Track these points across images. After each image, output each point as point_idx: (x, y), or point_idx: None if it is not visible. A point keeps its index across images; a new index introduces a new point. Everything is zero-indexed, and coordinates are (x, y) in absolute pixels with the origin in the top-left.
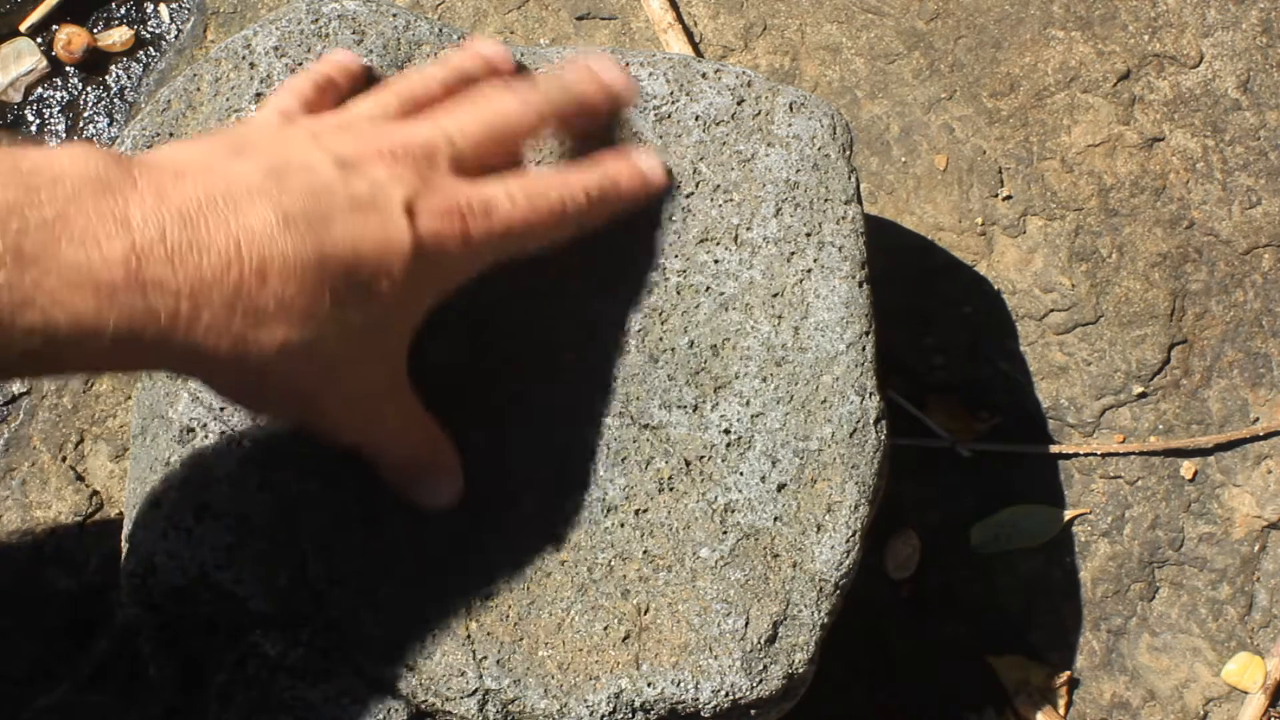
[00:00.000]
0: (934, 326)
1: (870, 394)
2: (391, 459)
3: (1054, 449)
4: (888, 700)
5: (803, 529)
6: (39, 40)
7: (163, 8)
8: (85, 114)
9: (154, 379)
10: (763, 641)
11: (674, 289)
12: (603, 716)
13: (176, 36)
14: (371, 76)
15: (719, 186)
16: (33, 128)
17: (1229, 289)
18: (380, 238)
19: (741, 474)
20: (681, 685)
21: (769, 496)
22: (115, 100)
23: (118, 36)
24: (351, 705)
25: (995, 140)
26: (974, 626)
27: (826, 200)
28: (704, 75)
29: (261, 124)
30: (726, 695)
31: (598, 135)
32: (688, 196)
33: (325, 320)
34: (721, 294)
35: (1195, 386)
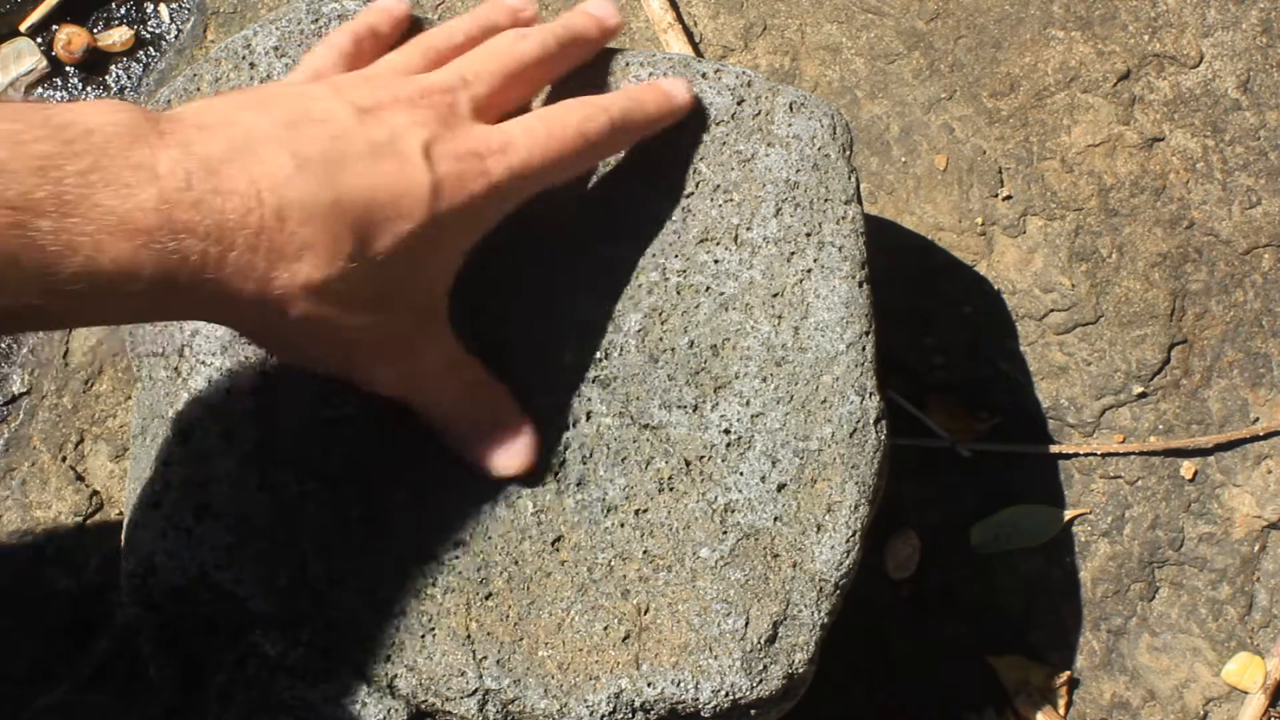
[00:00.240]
0: (934, 326)
1: (870, 394)
2: (440, 415)
3: (1054, 449)
4: (888, 700)
5: (803, 529)
6: (39, 40)
7: (163, 8)
8: None
9: (154, 379)
10: (763, 641)
11: (674, 289)
12: (603, 716)
13: (176, 36)
14: (415, 22)
15: (719, 186)
16: None
17: (1229, 289)
18: (398, 181)
19: (741, 474)
20: (681, 685)
21: (769, 496)
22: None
23: (118, 36)
24: (351, 705)
25: (995, 140)
26: (974, 626)
27: (826, 200)
28: (704, 75)
29: (288, 81)
30: (726, 695)
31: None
32: (688, 196)
33: (346, 258)
34: (721, 294)
35: (1195, 386)
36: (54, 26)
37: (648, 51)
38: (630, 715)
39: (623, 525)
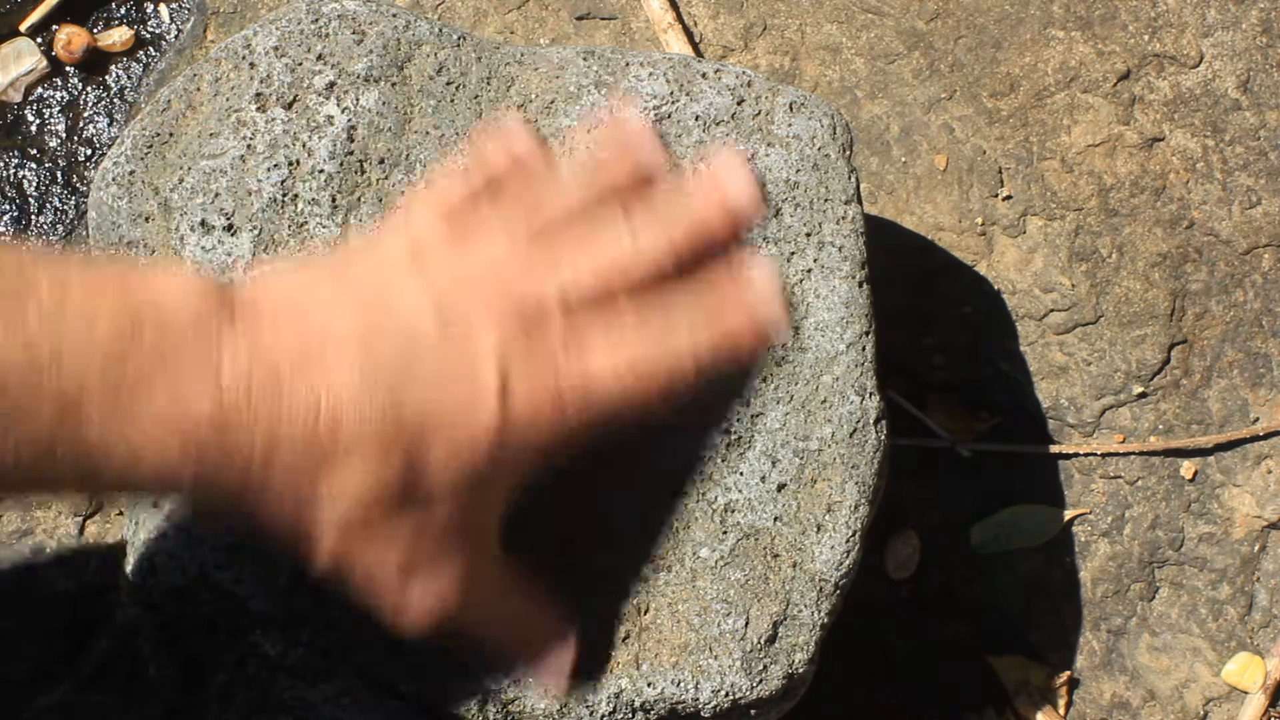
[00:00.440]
0: (934, 326)
1: (870, 394)
2: (489, 644)
3: (1054, 449)
4: (888, 700)
5: (803, 529)
6: (39, 40)
7: (163, 8)
8: (85, 114)
9: None
10: (763, 641)
11: None
12: (603, 716)
13: (176, 36)
14: (546, 156)
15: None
16: (33, 128)
17: (1229, 289)
18: (464, 412)
19: (741, 474)
20: (681, 685)
21: (769, 496)
22: (115, 100)
23: (118, 36)
24: (351, 705)
25: (995, 140)
26: (974, 626)
27: (826, 200)
28: (704, 75)
29: (384, 261)
30: (726, 695)
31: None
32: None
33: (393, 481)
34: None
35: (1195, 386)
36: (54, 26)
37: (648, 52)
38: (630, 715)
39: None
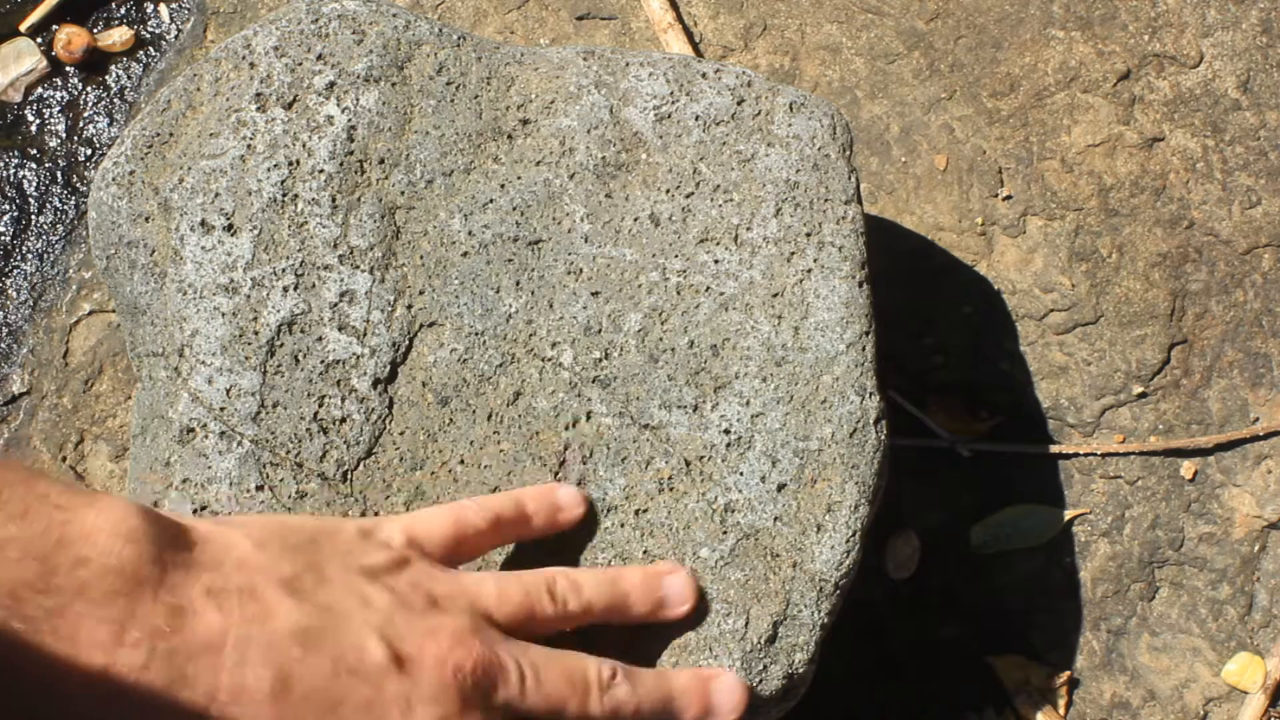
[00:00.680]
0: (934, 326)
1: (870, 394)
2: None
3: (1054, 449)
4: (888, 700)
5: (803, 529)
6: (39, 40)
7: (163, 8)
8: (85, 114)
9: (154, 379)
10: (763, 641)
11: (674, 289)
12: None
13: (176, 36)
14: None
15: (719, 186)
16: (33, 128)
17: (1229, 289)
18: None
19: (741, 474)
20: None
21: (769, 496)
22: (115, 100)
23: (118, 36)
24: None
25: (995, 140)
26: (974, 626)
27: (826, 200)
28: (704, 75)
29: (365, 549)
30: None
31: None
32: (688, 197)
33: None
34: (721, 294)
35: (1195, 386)
36: (54, 26)
37: (648, 52)
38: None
39: (623, 525)
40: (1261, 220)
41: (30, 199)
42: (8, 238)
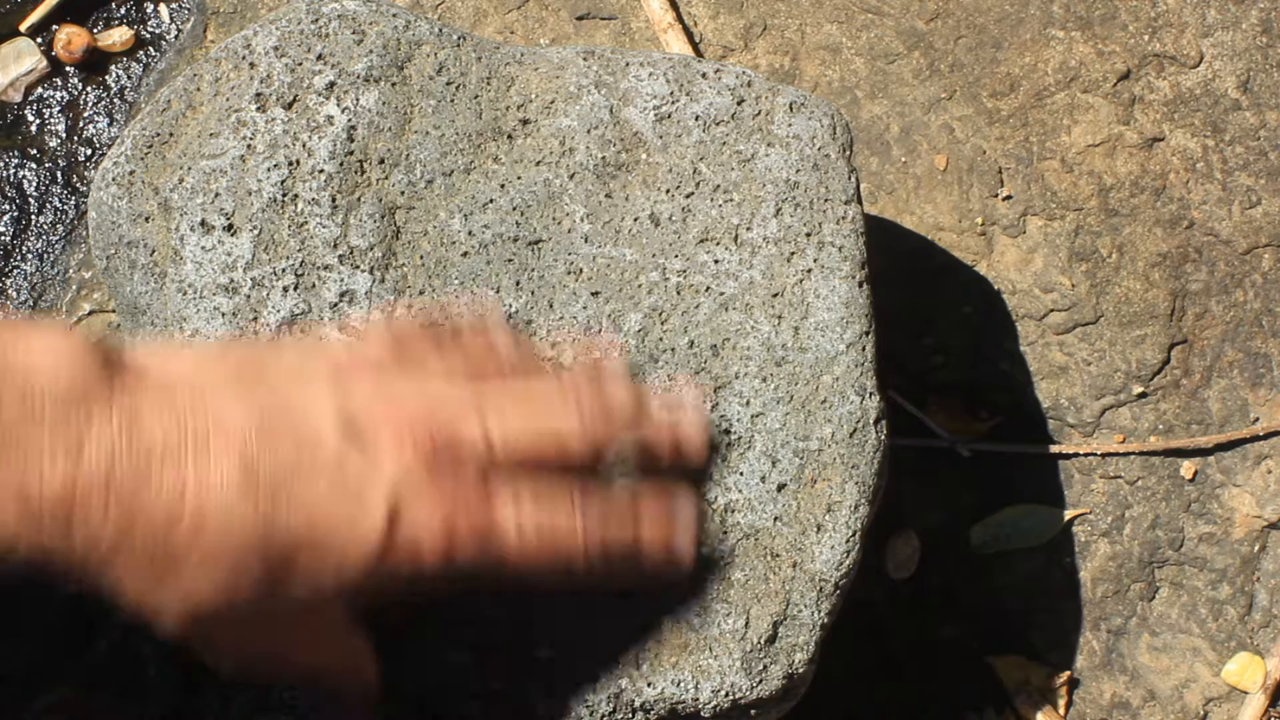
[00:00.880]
0: (934, 326)
1: (870, 394)
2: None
3: (1054, 449)
4: (888, 700)
5: (803, 529)
6: (39, 40)
7: (163, 8)
8: (85, 114)
9: None
10: (763, 641)
11: (674, 289)
12: (603, 716)
13: (176, 36)
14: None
15: (719, 186)
16: (33, 128)
17: (1229, 289)
18: (343, 533)
19: (741, 474)
20: (681, 685)
21: (769, 496)
22: (115, 100)
23: (118, 36)
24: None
25: (995, 140)
26: (974, 626)
27: (826, 200)
28: (704, 75)
29: (306, 358)
30: (726, 695)
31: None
32: (688, 196)
33: (247, 594)
34: (721, 294)
35: (1195, 386)
36: (54, 26)
37: (648, 52)
38: (630, 715)
39: None
40: (1261, 220)
41: (30, 199)
42: (8, 238)
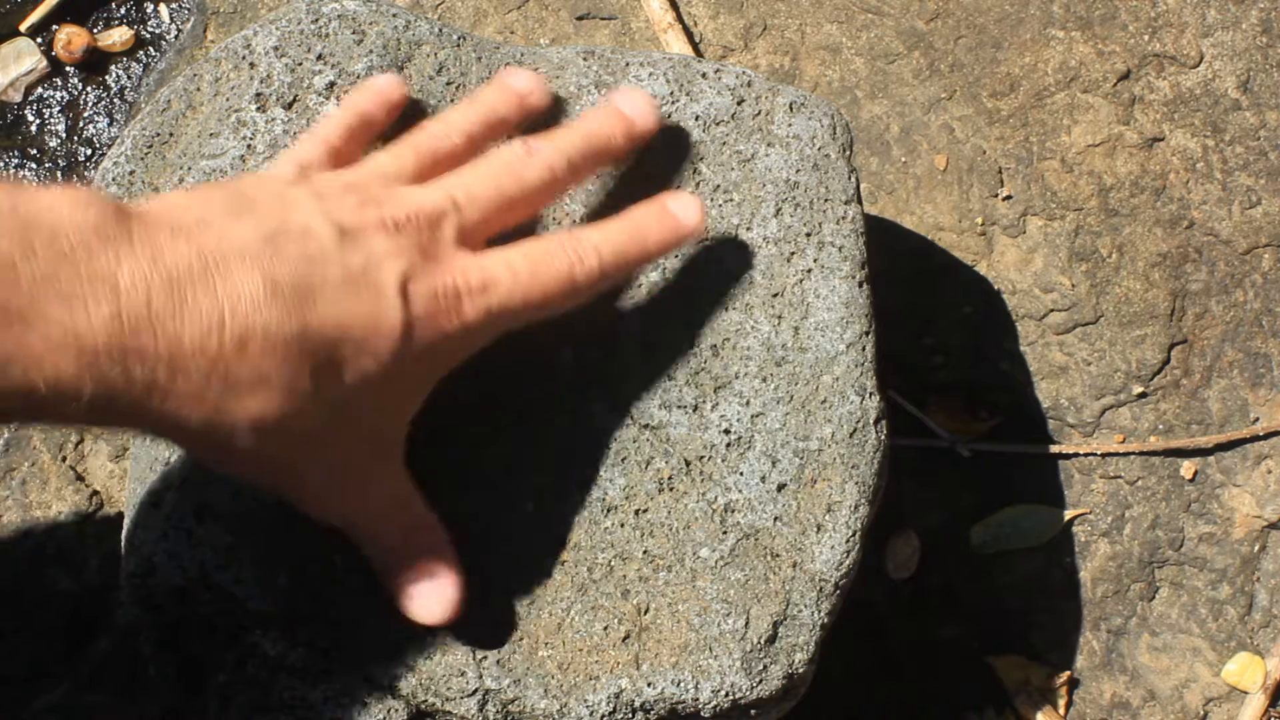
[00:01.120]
0: (934, 326)
1: (870, 394)
2: (375, 547)
3: (1054, 449)
4: (888, 700)
5: (803, 529)
6: (39, 40)
7: (163, 8)
8: (85, 114)
9: None
10: (763, 641)
11: (674, 289)
12: (603, 716)
13: (176, 36)
14: (416, 107)
15: (719, 186)
16: (33, 128)
17: (1229, 289)
18: (369, 317)
19: (741, 474)
20: (681, 685)
21: (769, 496)
22: (115, 100)
23: (118, 36)
24: (351, 705)
25: (995, 140)
26: (974, 626)
27: (826, 200)
28: (704, 75)
29: (272, 178)
30: (726, 695)
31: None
32: None
33: (304, 395)
34: (721, 294)
35: (1195, 386)
36: (54, 26)
37: (648, 52)
38: (630, 715)
39: (623, 525)
40: (1261, 220)
41: None
42: None
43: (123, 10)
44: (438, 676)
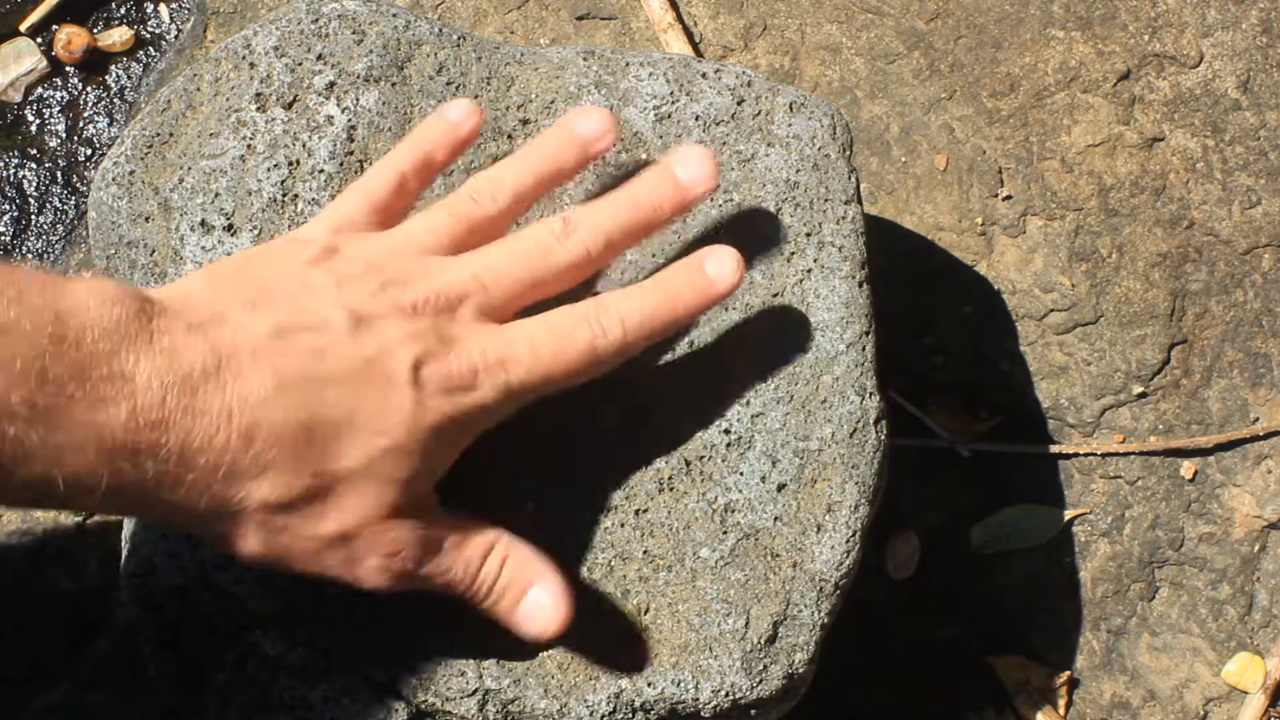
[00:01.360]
0: (934, 326)
1: (870, 394)
2: (462, 591)
3: (1054, 449)
4: (888, 700)
5: (803, 529)
6: (39, 40)
7: (163, 8)
8: (85, 114)
9: None
10: (763, 641)
11: None
12: (603, 716)
13: (176, 36)
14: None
15: (719, 186)
16: (33, 128)
17: (1229, 289)
18: (378, 407)
19: (741, 474)
20: (681, 685)
21: (769, 496)
22: (115, 100)
23: (118, 36)
24: (351, 705)
25: (995, 140)
26: (974, 626)
27: (826, 200)
28: (704, 75)
29: (294, 256)
30: (726, 695)
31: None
32: None
33: (310, 478)
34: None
35: (1195, 386)
36: (54, 26)
37: (648, 52)
38: (630, 715)
39: (623, 525)
40: (1261, 220)
41: (30, 199)
42: (8, 238)
43: (123, 10)
44: (438, 676)
